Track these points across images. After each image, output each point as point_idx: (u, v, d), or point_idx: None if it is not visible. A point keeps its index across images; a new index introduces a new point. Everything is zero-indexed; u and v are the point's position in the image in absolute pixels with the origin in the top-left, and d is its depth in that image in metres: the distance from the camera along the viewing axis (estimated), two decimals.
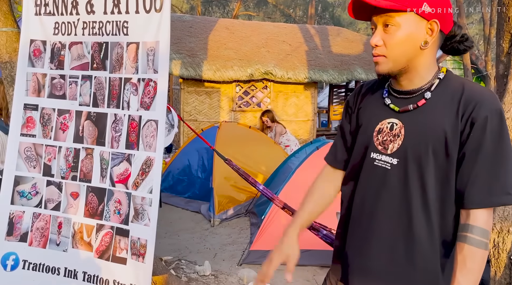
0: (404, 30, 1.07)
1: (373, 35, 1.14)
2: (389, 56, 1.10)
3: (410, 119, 1.12)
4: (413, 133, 1.11)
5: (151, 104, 2.21)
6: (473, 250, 1.03)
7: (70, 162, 2.36)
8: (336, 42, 9.45)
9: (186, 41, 7.95)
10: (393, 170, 1.13)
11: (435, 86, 1.12)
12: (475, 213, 1.05)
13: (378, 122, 1.18)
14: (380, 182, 1.15)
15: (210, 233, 4.61)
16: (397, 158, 1.12)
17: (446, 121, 1.07)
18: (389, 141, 1.15)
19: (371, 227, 1.17)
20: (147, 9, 2.19)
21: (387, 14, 1.08)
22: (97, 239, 2.28)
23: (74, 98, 2.39)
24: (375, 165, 1.17)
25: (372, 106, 1.23)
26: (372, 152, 1.18)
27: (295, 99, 8.34)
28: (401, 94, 1.16)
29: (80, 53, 2.37)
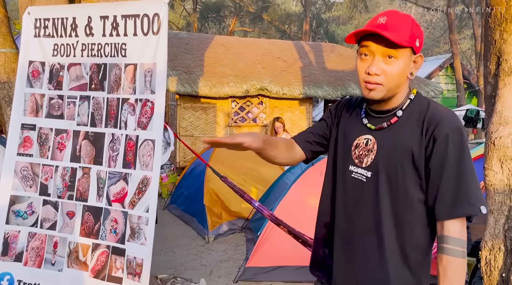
0: (402, 63, 1.18)
1: (365, 61, 1.20)
2: (386, 85, 1.19)
3: (382, 135, 1.23)
4: (384, 148, 1.22)
5: (148, 124, 2.25)
6: (450, 259, 1.11)
7: (67, 181, 2.38)
8: (331, 58, 9.58)
9: (183, 58, 8.04)
10: (367, 182, 1.24)
11: (406, 105, 1.23)
12: (447, 224, 1.13)
13: (356, 137, 1.29)
14: (358, 193, 1.26)
15: (206, 250, 4.60)
16: (371, 171, 1.23)
17: (413, 137, 1.18)
18: (364, 155, 1.26)
19: (352, 234, 1.27)
20: (144, 32, 2.24)
21: (391, 47, 1.15)
22: (92, 258, 2.28)
23: (72, 118, 2.42)
24: (352, 177, 1.28)
25: (352, 123, 1.34)
26: (350, 165, 1.29)
27: (290, 114, 8.41)
28: (378, 113, 1.27)
29: (79, 74, 2.41)
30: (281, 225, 3.22)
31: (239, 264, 4.09)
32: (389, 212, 1.20)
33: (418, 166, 1.17)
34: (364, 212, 1.24)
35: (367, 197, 1.24)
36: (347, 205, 1.29)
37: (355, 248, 1.26)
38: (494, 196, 1.99)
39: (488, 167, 2.00)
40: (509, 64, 1.95)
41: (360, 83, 1.23)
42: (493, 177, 1.98)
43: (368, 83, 1.19)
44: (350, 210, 1.28)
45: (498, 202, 1.98)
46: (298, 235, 3.18)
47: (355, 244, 1.26)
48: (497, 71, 2.01)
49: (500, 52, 1.97)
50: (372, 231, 1.22)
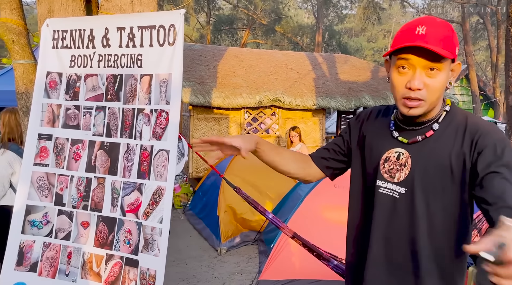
0: (445, 75, 1.10)
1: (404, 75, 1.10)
2: (428, 100, 1.10)
3: (417, 149, 1.15)
4: (420, 163, 1.14)
5: (163, 134, 2.24)
6: None
7: (82, 191, 2.38)
8: (344, 69, 9.56)
9: (196, 69, 8.10)
10: (401, 199, 1.16)
11: (442, 117, 1.16)
12: None
13: (385, 151, 1.21)
14: (390, 210, 1.18)
15: (218, 261, 4.56)
16: (405, 187, 1.15)
17: (453, 151, 1.09)
18: (395, 170, 1.18)
19: (386, 253, 1.19)
20: (160, 43, 2.26)
21: (434, 60, 1.07)
22: (106, 269, 2.27)
23: (88, 128, 2.43)
24: (380, 192, 1.20)
25: (379, 135, 1.26)
26: (378, 179, 1.21)
27: (303, 125, 8.37)
28: (410, 125, 1.19)
29: (95, 85, 2.43)
30: (295, 238, 3.17)
31: (252, 277, 4.04)
32: (426, 231, 1.12)
33: (459, 180, 1.09)
34: (398, 230, 1.17)
35: (402, 215, 1.16)
36: (378, 222, 1.21)
37: (390, 269, 1.19)
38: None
39: None
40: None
41: (396, 99, 1.14)
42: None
43: (407, 100, 1.10)
44: (382, 228, 1.20)
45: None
46: (313, 248, 3.12)
47: (390, 264, 1.19)
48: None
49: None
50: (407, 250, 1.16)
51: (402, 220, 1.16)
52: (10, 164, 2.84)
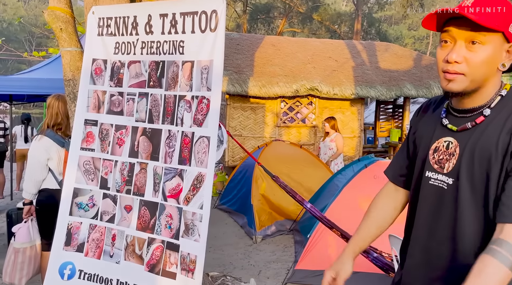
0: (490, 50, 1.02)
1: (445, 49, 1.06)
2: (469, 75, 1.04)
3: (465, 137, 1.09)
4: (467, 151, 1.07)
5: (204, 121, 2.25)
6: (494, 263, 0.93)
7: (125, 176, 2.44)
8: (384, 58, 9.25)
9: (233, 58, 8.11)
10: (449, 190, 1.10)
11: (495, 103, 1.08)
12: (508, 228, 0.97)
13: (435, 140, 1.16)
14: (438, 202, 1.13)
15: (253, 249, 4.59)
16: (452, 178, 1.10)
17: (501, 138, 1.02)
18: (445, 160, 1.12)
19: (431, 247, 1.15)
20: (202, 29, 2.25)
21: (476, 31, 1.01)
22: (148, 252, 2.32)
23: (131, 114, 2.48)
24: (430, 184, 1.15)
25: (430, 125, 1.20)
26: (428, 170, 1.16)
27: (340, 115, 8.21)
28: (461, 112, 1.12)
29: (138, 72, 2.47)
30: (334, 228, 3.12)
31: (288, 266, 4.04)
32: (472, 225, 1.06)
33: (503, 170, 1.01)
34: (443, 223, 1.11)
35: (448, 206, 1.10)
36: (426, 215, 1.16)
37: (433, 261, 1.14)
38: None
39: None
40: None
41: (439, 74, 1.09)
42: None
43: (446, 73, 1.05)
44: (429, 220, 1.15)
45: None
46: None
47: (434, 257, 1.14)
48: None
49: None
50: (452, 243, 1.10)
51: (448, 212, 1.10)
52: (46, 150, 2.95)
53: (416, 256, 1.20)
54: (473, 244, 1.06)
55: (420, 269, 1.19)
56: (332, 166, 5.88)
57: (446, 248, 1.11)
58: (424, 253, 1.17)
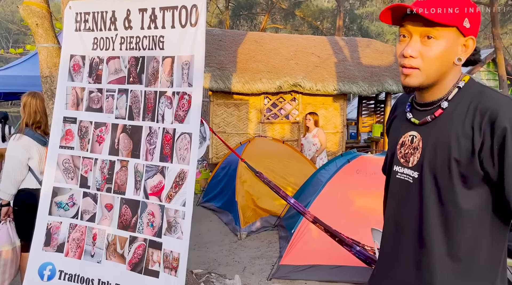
0: (444, 44, 1.04)
1: (403, 43, 1.08)
2: (424, 70, 1.06)
3: (427, 131, 1.11)
4: (429, 145, 1.09)
5: (185, 117, 2.23)
6: None
7: (105, 174, 2.40)
8: (366, 54, 9.34)
9: (216, 54, 8.06)
10: (414, 184, 1.12)
11: (453, 95, 1.09)
12: None
13: (401, 135, 1.18)
14: (405, 196, 1.15)
15: (238, 246, 4.58)
16: (417, 171, 1.11)
17: (463, 132, 1.03)
18: (410, 154, 1.14)
19: (399, 240, 1.17)
20: (182, 24, 2.22)
21: (430, 26, 1.02)
22: (130, 251, 2.29)
23: (111, 111, 2.44)
24: (397, 178, 1.17)
25: (398, 120, 1.23)
26: (395, 165, 1.18)
27: (323, 111, 8.26)
28: (423, 106, 1.14)
29: (117, 68, 2.43)
30: (318, 223, 3.14)
31: (273, 261, 4.05)
32: (436, 217, 1.07)
33: (470, 164, 1.02)
34: (410, 217, 1.13)
35: (412, 200, 1.12)
36: (394, 208, 1.19)
37: (401, 255, 1.16)
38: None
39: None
40: None
41: (399, 69, 1.11)
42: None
43: (403, 68, 1.07)
44: (397, 213, 1.18)
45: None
46: (335, 233, 3.09)
47: (402, 249, 1.16)
48: None
49: None
50: (418, 235, 1.11)
51: (413, 204, 1.12)
52: (26, 149, 2.87)
53: (387, 249, 1.22)
54: (437, 236, 1.07)
55: (390, 261, 1.20)
56: (317, 161, 5.90)
57: (413, 240, 1.12)
58: (394, 245, 1.19)
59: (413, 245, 1.12)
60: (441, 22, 1.00)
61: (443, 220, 1.07)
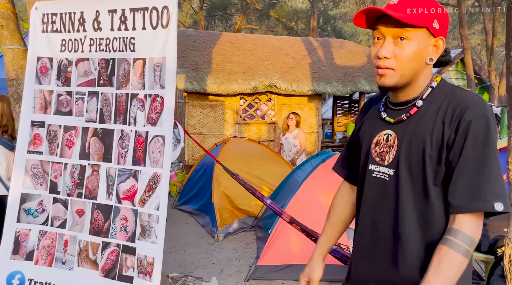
0: (416, 45, 1.08)
1: (377, 45, 1.11)
2: (398, 70, 1.09)
3: (402, 129, 1.14)
4: (404, 142, 1.12)
5: (158, 119, 2.20)
6: (451, 253, 1.01)
7: (76, 179, 2.35)
8: (339, 54, 9.48)
9: (190, 55, 8.00)
10: (390, 181, 1.15)
11: (426, 94, 1.13)
12: (460, 219, 1.03)
13: (376, 134, 1.20)
14: (381, 193, 1.17)
15: (216, 248, 4.56)
16: (393, 169, 1.14)
17: (435, 128, 1.07)
18: (385, 152, 1.17)
19: (377, 237, 1.18)
20: (153, 26, 2.20)
21: (402, 27, 1.06)
22: (102, 257, 2.25)
23: (81, 114, 2.38)
24: (373, 176, 1.19)
25: (372, 120, 1.26)
26: (371, 164, 1.20)
27: (299, 111, 8.31)
28: (397, 105, 1.17)
29: (87, 70, 2.37)
30: (294, 223, 3.16)
31: (250, 262, 4.05)
32: (412, 213, 1.10)
33: (440, 158, 1.06)
34: (386, 213, 1.15)
35: (389, 197, 1.14)
36: (370, 206, 1.21)
37: (378, 252, 1.18)
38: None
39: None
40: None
41: (373, 70, 1.14)
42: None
43: (379, 69, 1.11)
44: (373, 211, 1.20)
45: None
46: (311, 233, 3.11)
47: (378, 247, 1.18)
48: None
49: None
50: (394, 232, 1.13)
51: (389, 202, 1.15)
52: None
53: (362, 247, 1.24)
54: (413, 231, 1.10)
55: (366, 259, 1.22)
56: (298, 162, 5.92)
57: (389, 236, 1.15)
58: (370, 243, 1.21)
59: (389, 241, 1.15)
60: (413, 24, 1.04)
61: (418, 215, 1.10)
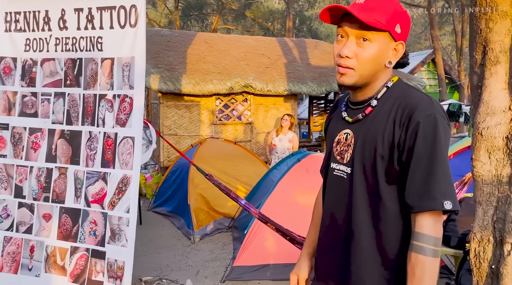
0: (377, 47, 1.09)
1: (340, 43, 1.12)
2: (358, 70, 1.11)
3: (358, 128, 1.16)
4: (360, 141, 1.14)
5: (127, 120, 2.16)
6: (420, 258, 1.03)
7: (42, 182, 2.27)
8: (314, 55, 9.56)
9: (165, 55, 7.90)
10: (347, 179, 1.17)
11: (381, 94, 1.15)
12: (418, 220, 1.05)
13: (337, 133, 1.22)
14: (339, 191, 1.19)
15: (192, 250, 4.52)
16: (350, 167, 1.16)
17: (387, 127, 1.09)
18: (344, 151, 1.19)
19: (335, 233, 1.21)
20: (121, 25, 2.15)
21: (365, 29, 1.08)
22: (71, 262, 2.19)
23: (47, 116, 2.31)
24: (334, 174, 1.22)
25: (335, 119, 1.28)
26: (332, 162, 1.23)
27: (275, 111, 8.35)
28: (356, 105, 1.20)
29: (53, 70, 2.31)
30: (269, 223, 3.16)
31: (226, 263, 4.02)
32: (365, 210, 1.12)
33: (391, 158, 1.08)
34: (342, 210, 1.18)
35: (345, 194, 1.17)
36: (331, 203, 1.24)
37: (336, 247, 1.20)
38: (483, 187, 1.96)
39: (476, 158, 1.97)
40: (495, 53, 1.92)
41: (335, 68, 1.15)
42: (481, 168, 1.96)
43: (339, 67, 1.12)
44: (332, 208, 1.22)
45: (487, 193, 1.96)
46: (286, 232, 3.12)
47: (336, 243, 1.20)
48: (483, 61, 1.98)
49: (486, 41, 1.95)
50: (350, 228, 1.15)
51: (345, 199, 1.17)
52: None
53: (323, 243, 1.26)
54: (365, 228, 1.13)
55: (326, 255, 1.25)
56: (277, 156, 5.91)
57: (344, 233, 1.17)
58: (329, 240, 1.23)
59: (345, 237, 1.17)
60: (376, 27, 1.06)
61: (370, 213, 1.12)
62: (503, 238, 1.89)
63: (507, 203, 1.89)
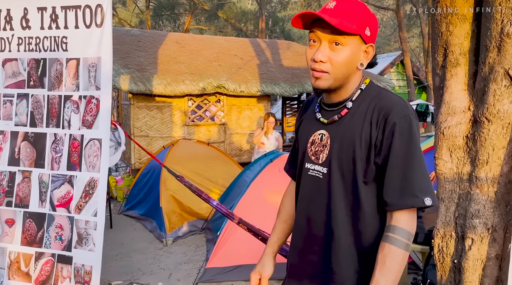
0: (350, 51, 1.13)
1: (313, 48, 1.15)
2: (332, 74, 1.14)
3: (334, 129, 1.19)
4: (336, 142, 1.18)
5: (94, 122, 2.11)
6: (393, 249, 1.07)
7: (5, 186, 2.19)
8: (287, 56, 9.64)
9: (135, 55, 7.77)
10: (324, 179, 1.19)
11: (356, 96, 1.19)
12: (396, 215, 1.10)
13: (311, 134, 1.25)
14: (316, 191, 1.22)
15: (164, 253, 4.46)
16: (326, 167, 1.19)
17: (363, 128, 1.13)
18: (319, 151, 1.22)
19: (311, 233, 1.23)
20: (87, 24, 2.11)
21: (337, 33, 1.10)
22: (36, 268, 2.12)
23: (9, 118, 2.23)
24: (309, 174, 1.24)
25: (308, 120, 1.30)
26: (307, 162, 1.25)
27: (248, 112, 8.37)
28: (330, 106, 1.23)
29: (15, 70, 2.23)
30: (240, 223, 3.17)
31: (199, 265, 4.00)
32: (343, 209, 1.15)
33: (368, 158, 1.12)
34: (319, 210, 1.20)
35: (323, 194, 1.19)
36: (306, 203, 1.25)
37: (313, 247, 1.22)
38: (445, 185, 2.03)
39: (438, 157, 2.04)
40: (455, 56, 2.00)
41: (309, 72, 1.17)
42: (443, 166, 2.03)
43: (314, 71, 1.15)
44: (308, 208, 1.24)
45: (449, 190, 2.03)
46: (258, 232, 3.13)
47: (313, 243, 1.22)
48: (444, 63, 2.06)
49: (446, 44, 2.02)
50: (327, 227, 1.18)
51: (323, 199, 1.19)
52: None
53: (297, 243, 1.28)
54: (344, 227, 1.15)
55: (301, 255, 1.26)
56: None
57: (322, 233, 1.19)
58: (304, 240, 1.25)
59: (322, 237, 1.19)
60: (347, 31, 1.09)
61: (348, 213, 1.15)
62: (464, 234, 1.97)
63: (468, 199, 1.97)
